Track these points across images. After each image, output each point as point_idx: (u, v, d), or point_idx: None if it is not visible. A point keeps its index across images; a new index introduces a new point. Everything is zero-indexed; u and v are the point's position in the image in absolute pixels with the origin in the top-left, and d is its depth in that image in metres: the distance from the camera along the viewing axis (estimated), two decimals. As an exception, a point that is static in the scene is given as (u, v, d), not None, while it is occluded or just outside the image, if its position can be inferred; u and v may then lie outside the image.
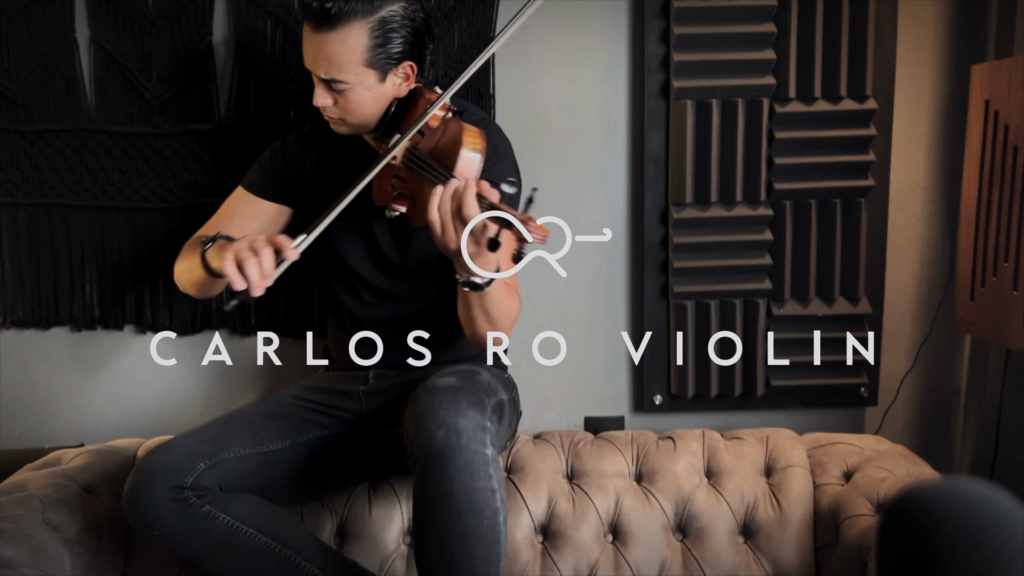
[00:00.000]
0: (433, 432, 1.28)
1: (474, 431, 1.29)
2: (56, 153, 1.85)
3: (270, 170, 1.65)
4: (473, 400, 1.34)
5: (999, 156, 1.63)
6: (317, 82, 1.48)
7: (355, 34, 1.41)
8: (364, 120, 1.51)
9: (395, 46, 1.45)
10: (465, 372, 1.47)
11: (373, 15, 1.41)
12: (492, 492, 1.29)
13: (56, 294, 1.90)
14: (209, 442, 1.47)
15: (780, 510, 1.66)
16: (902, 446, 1.76)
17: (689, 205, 1.86)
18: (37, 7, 1.81)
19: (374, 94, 1.48)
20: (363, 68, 1.44)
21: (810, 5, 1.80)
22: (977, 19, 1.86)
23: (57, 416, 1.95)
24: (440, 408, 1.30)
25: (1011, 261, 1.59)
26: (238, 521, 1.44)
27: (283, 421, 1.57)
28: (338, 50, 1.42)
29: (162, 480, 1.39)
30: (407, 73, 1.51)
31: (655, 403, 1.95)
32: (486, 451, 1.30)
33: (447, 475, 1.26)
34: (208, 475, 1.43)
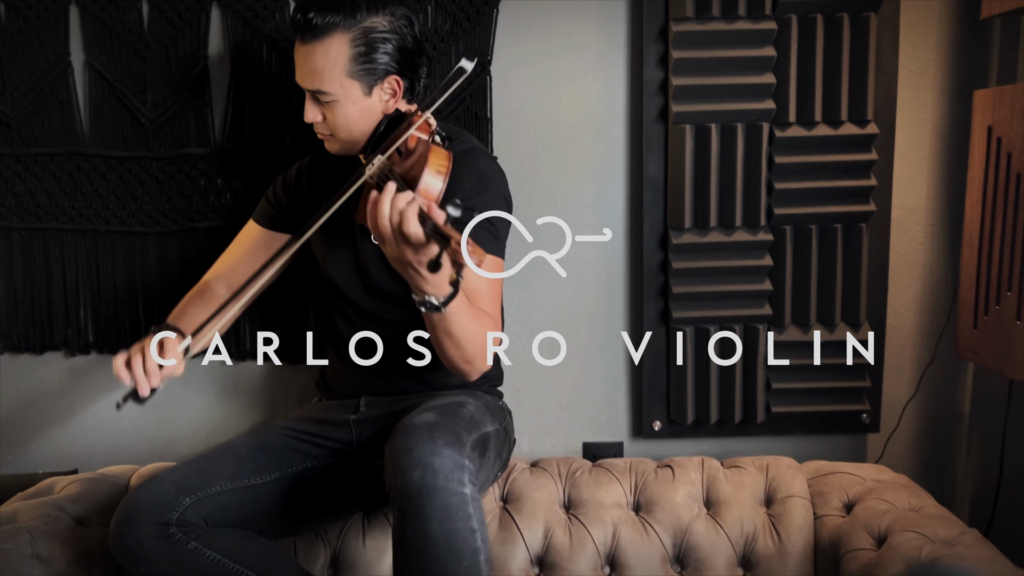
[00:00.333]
0: (409, 472, 1.26)
1: (451, 470, 1.27)
2: (50, 177, 1.84)
3: (275, 203, 1.68)
4: (450, 438, 1.31)
5: (1002, 184, 1.61)
6: (307, 97, 1.51)
7: (336, 44, 1.45)
8: (352, 136, 1.53)
9: (380, 58, 1.48)
10: (447, 406, 1.45)
11: (355, 26, 1.45)
12: (471, 532, 1.27)
13: (50, 318, 1.89)
14: (195, 476, 1.46)
15: (780, 542, 1.64)
16: (904, 476, 1.73)
17: (688, 230, 1.84)
18: (32, 31, 1.80)
19: (360, 107, 1.50)
20: (346, 79, 1.47)
21: (810, 29, 1.78)
22: (979, 44, 1.84)
23: (51, 441, 1.93)
24: (416, 447, 1.28)
25: (1015, 290, 1.57)
26: (225, 557, 1.42)
27: (272, 453, 1.55)
28: (321, 61, 1.45)
29: (147, 516, 1.39)
30: (394, 88, 1.52)
31: (654, 429, 1.93)
32: (464, 490, 1.27)
33: (424, 516, 1.24)
34: (194, 510, 1.42)
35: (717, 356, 1.87)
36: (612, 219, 1.89)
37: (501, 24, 1.82)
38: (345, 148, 1.56)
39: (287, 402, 1.93)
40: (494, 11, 1.81)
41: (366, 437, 1.59)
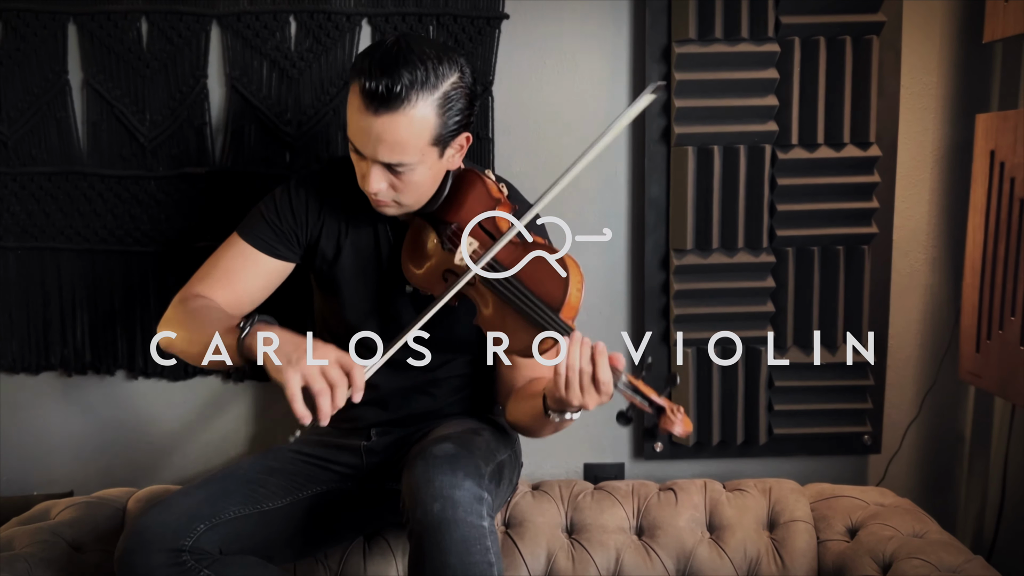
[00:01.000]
0: (429, 504, 1.25)
1: (470, 503, 1.26)
2: (47, 196, 1.82)
3: (282, 225, 1.51)
4: (471, 470, 1.31)
5: (1005, 208, 1.61)
6: (372, 166, 1.34)
7: (422, 112, 1.30)
8: (419, 201, 1.42)
9: (456, 119, 1.35)
10: (464, 436, 1.44)
11: (438, 89, 1.31)
12: (489, 565, 1.26)
13: (47, 338, 1.87)
14: (208, 502, 1.40)
15: (784, 567, 1.64)
16: (907, 500, 1.73)
17: (690, 251, 1.84)
18: (29, 49, 1.78)
19: (433, 172, 1.39)
20: (428, 147, 1.33)
21: (813, 51, 1.78)
22: (981, 68, 1.85)
23: (46, 463, 1.91)
24: (436, 479, 1.27)
25: (1019, 316, 1.57)
26: None
27: (282, 477, 1.52)
28: (404, 133, 1.30)
29: (159, 543, 1.32)
30: (462, 144, 1.41)
31: (656, 450, 1.92)
32: (483, 523, 1.27)
33: (443, 549, 1.23)
34: (208, 537, 1.36)
35: (719, 377, 1.87)
36: (614, 240, 1.89)
37: (503, 44, 1.81)
38: (405, 211, 1.44)
39: (283, 423, 1.91)
40: (496, 31, 1.81)
41: (376, 463, 1.58)
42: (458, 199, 1.44)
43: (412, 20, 1.80)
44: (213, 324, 1.38)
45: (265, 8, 1.78)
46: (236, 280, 1.50)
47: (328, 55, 1.81)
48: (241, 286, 1.50)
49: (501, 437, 1.55)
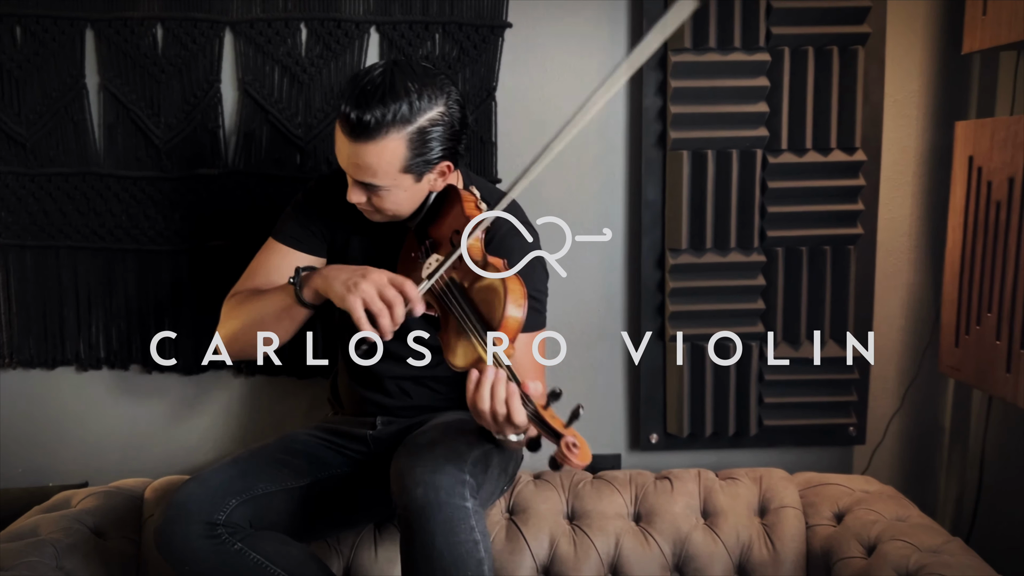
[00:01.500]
0: (412, 489, 1.32)
1: (452, 485, 1.33)
2: (64, 196, 1.88)
3: (309, 224, 1.61)
4: (451, 455, 1.37)
5: (983, 210, 1.71)
6: (351, 180, 1.45)
7: (392, 145, 1.38)
8: (400, 215, 1.51)
9: (433, 151, 1.42)
10: (451, 424, 1.51)
11: (411, 126, 1.38)
12: (475, 543, 1.33)
13: (62, 334, 1.92)
14: (240, 478, 1.48)
15: (774, 550, 1.72)
16: (891, 487, 1.82)
17: (685, 251, 1.92)
18: (48, 53, 1.84)
19: (410, 194, 1.47)
20: (399, 175, 1.42)
21: (802, 60, 1.87)
22: (960, 77, 1.94)
23: (61, 454, 1.97)
24: (418, 465, 1.34)
25: (995, 312, 1.67)
26: (267, 560, 1.45)
27: (304, 457, 1.60)
28: (375, 160, 1.39)
29: (196, 515, 1.40)
30: (443, 171, 1.49)
31: (651, 442, 2.00)
32: (466, 504, 1.34)
33: (429, 531, 1.30)
34: (240, 511, 1.44)
35: (712, 372, 1.95)
36: (612, 240, 1.96)
37: (506, 52, 1.89)
38: (390, 220, 1.53)
39: (294, 415, 1.98)
40: (499, 39, 1.88)
41: (383, 450, 1.65)
42: (440, 214, 1.52)
43: (419, 28, 1.87)
44: (267, 296, 1.50)
45: (277, 15, 1.85)
46: (275, 278, 1.58)
47: (338, 61, 1.87)
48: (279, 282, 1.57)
49: None
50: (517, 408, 1.21)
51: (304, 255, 1.61)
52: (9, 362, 1.92)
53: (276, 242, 1.61)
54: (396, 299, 1.33)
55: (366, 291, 1.33)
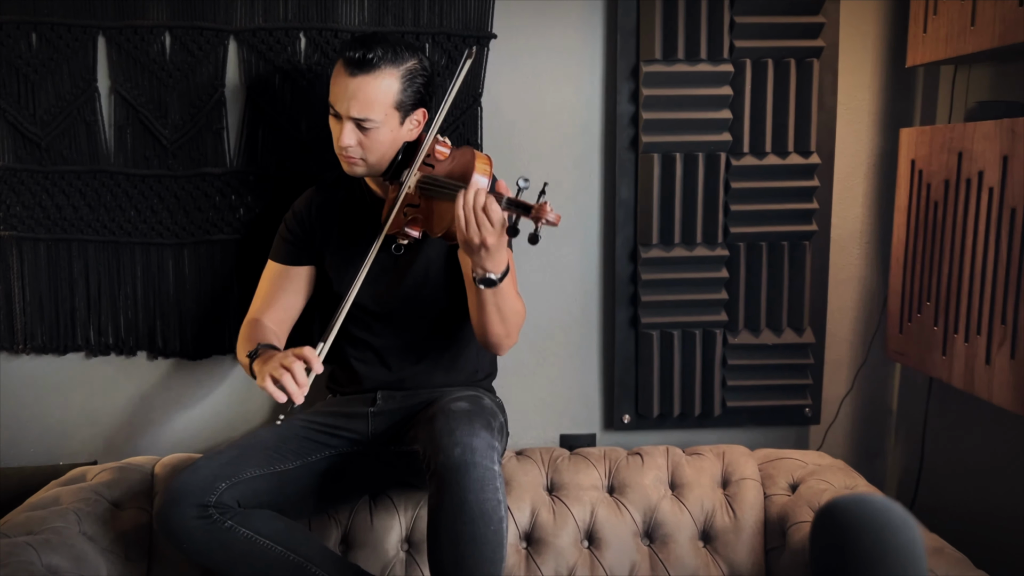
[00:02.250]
0: (451, 450, 1.49)
1: (486, 450, 1.51)
2: (76, 192, 2.00)
3: (291, 239, 1.85)
4: (484, 423, 1.56)
5: (923, 209, 1.88)
6: (344, 123, 1.68)
7: (388, 78, 1.65)
8: (381, 160, 1.72)
9: (415, 92, 1.70)
10: (473, 398, 1.69)
11: (403, 64, 1.67)
12: (498, 503, 1.49)
13: (73, 322, 2.04)
14: (229, 464, 1.63)
15: (735, 518, 1.89)
16: (841, 461, 2.00)
17: (655, 246, 2.08)
18: (61, 58, 1.96)
19: (394, 135, 1.70)
20: (391, 110, 1.67)
21: (762, 71, 2.03)
22: (905, 88, 2.12)
23: (71, 435, 2.09)
24: (457, 429, 1.52)
25: (932, 301, 1.85)
26: (257, 534, 1.60)
27: (294, 443, 1.74)
28: (374, 92, 1.64)
29: (189, 500, 1.56)
30: (418, 120, 1.75)
31: (624, 422, 2.16)
32: (495, 467, 1.51)
33: (463, 487, 1.46)
34: (229, 494, 1.60)
35: (680, 357, 2.12)
36: (588, 235, 2.12)
37: (491, 61, 2.03)
38: (370, 170, 1.74)
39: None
40: (485, 49, 2.03)
41: (381, 428, 1.80)
42: (412, 157, 1.73)
43: (411, 38, 2.01)
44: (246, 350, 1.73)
45: (278, 25, 1.98)
46: (276, 297, 1.86)
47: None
48: (281, 301, 1.86)
49: (497, 406, 1.80)
50: (491, 199, 1.48)
51: (295, 268, 1.86)
52: (22, 348, 2.04)
53: (274, 263, 1.87)
54: (294, 363, 1.54)
55: (269, 368, 1.56)
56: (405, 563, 1.83)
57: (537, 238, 1.46)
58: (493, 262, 1.54)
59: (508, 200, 1.50)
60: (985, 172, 1.67)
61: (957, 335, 1.76)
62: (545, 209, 1.45)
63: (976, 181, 1.70)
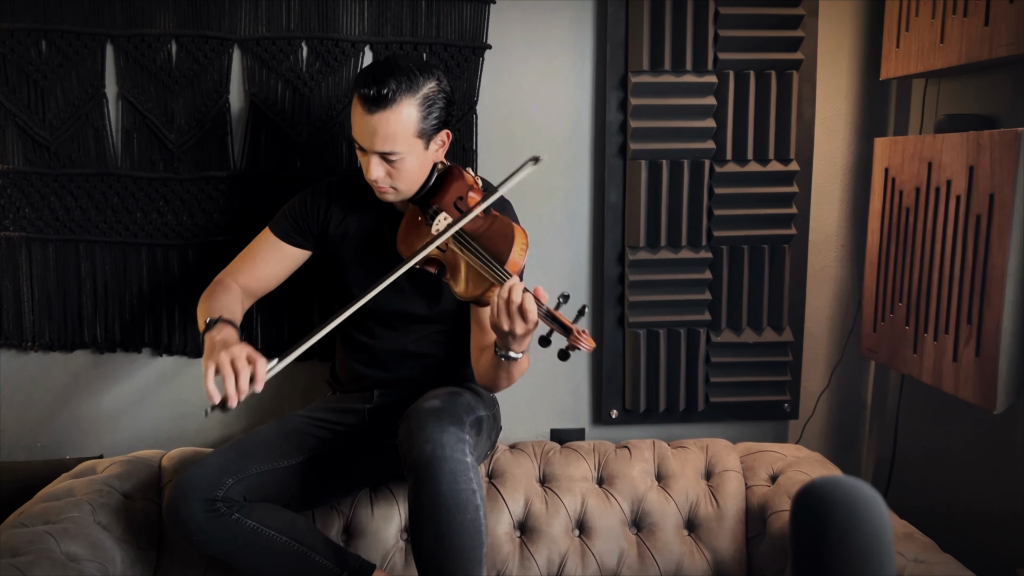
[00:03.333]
0: (422, 445, 1.56)
1: (455, 443, 1.58)
2: (84, 195, 2.07)
3: (298, 219, 1.87)
4: (453, 418, 1.63)
5: (896, 215, 1.99)
6: (371, 157, 1.69)
7: (406, 111, 1.65)
8: (411, 186, 1.75)
9: (437, 116, 1.70)
10: (449, 394, 1.75)
11: (419, 92, 1.66)
12: (472, 492, 1.57)
13: (80, 320, 2.11)
14: (235, 460, 1.71)
15: (718, 507, 1.99)
16: (818, 453, 2.10)
17: (642, 248, 2.17)
18: (70, 65, 2.02)
19: (421, 161, 1.72)
20: (414, 139, 1.68)
21: (744, 83, 2.13)
22: (880, 99, 2.23)
23: (77, 430, 2.15)
24: (427, 426, 1.59)
25: (904, 301, 1.95)
26: (262, 525, 1.69)
27: (296, 439, 1.82)
28: (394, 126, 1.65)
29: (197, 494, 1.64)
30: (443, 140, 1.76)
31: (612, 417, 2.26)
32: (466, 459, 1.59)
33: (436, 479, 1.54)
34: (235, 489, 1.68)
35: (665, 355, 2.21)
36: (578, 238, 2.21)
37: (486, 70, 2.12)
38: (401, 197, 1.77)
39: (292, 395, 2.19)
40: (480, 59, 2.12)
41: (378, 423, 1.88)
42: (442, 187, 1.78)
43: (408, 48, 2.09)
44: (207, 311, 1.74)
45: (280, 35, 2.06)
46: (259, 262, 1.88)
47: (335, 76, 2.09)
48: (262, 267, 1.88)
49: (479, 399, 1.86)
50: (530, 299, 1.50)
51: (289, 247, 1.88)
52: (31, 345, 2.10)
53: (270, 233, 1.88)
54: (244, 369, 1.52)
55: (221, 357, 1.53)
56: (404, 551, 1.91)
57: (568, 356, 1.50)
58: (518, 345, 1.58)
59: (547, 312, 1.52)
60: (953, 181, 1.78)
61: (927, 334, 1.87)
62: (582, 339, 1.48)
63: (944, 189, 1.80)
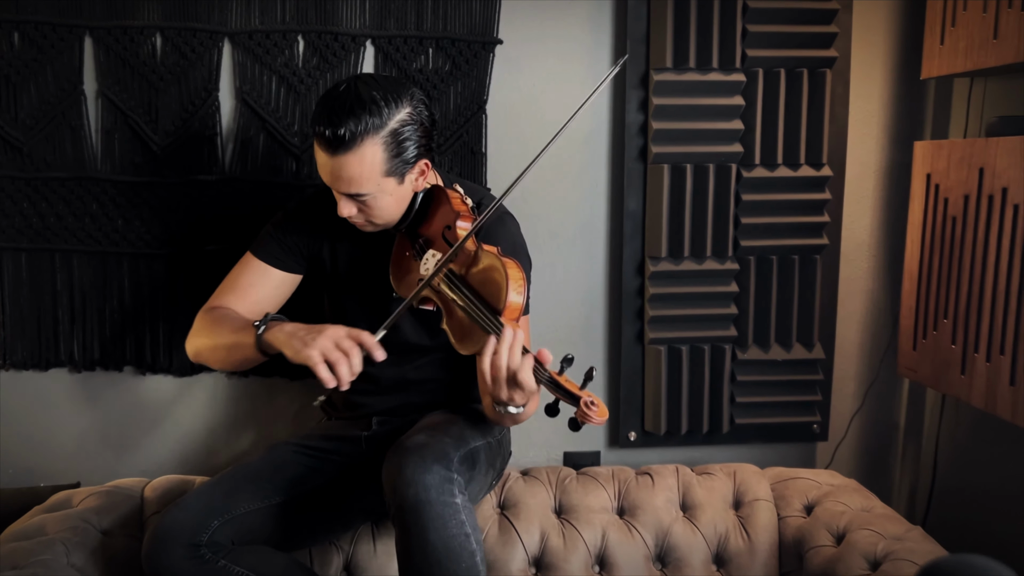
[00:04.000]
0: (403, 490, 1.40)
1: (440, 484, 1.41)
2: (60, 200, 1.91)
3: (287, 241, 1.69)
4: (438, 455, 1.45)
5: (940, 224, 1.85)
6: (339, 197, 1.52)
7: (370, 152, 1.45)
8: (390, 220, 1.58)
9: (409, 151, 1.50)
10: (438, 426, 1.57)
11: (384, 129, 1.45)
12: (466, 536, 1.41)
13: (56, 336, 1.95)
14: (221, 499, 1.55)
15: (749, 541, 1.84)
16: (854, 481, 1.96)
17: (664, 259, 2.03)
18: (45, 59, 1.86)
19: (396, 197, 1.55)
20: (383, 179, 1.49)
21: (774, 81, 1.99)
22: (916, 100, 2.09)
23: (53, 455, 1.99)
24: (407, 467, 1.42)
25: (950, 318, 1.81)
26: (251, 571, 1.52)
27: (287, 472, 1.65)
28: (356, 169, 1.46)
29: (179, 539, 1.47)
30: (422, 170, 1.56)
31: (630, 439, 2.11)
32: (455, 500, 1.42)
33: (422, 527, 1.38)
34: (222, 531, 1.51)
35: (688, 373, 2.06)
36: (594, 247, 2.06)
37: (496, 66, 1.97)
38: (383, 228, 1.61)
39: (284, 415, 2.04)
40: (490, 55, 1.96)
41: (376, 452, 1.71)
42: (428, 214, 1.60)
43: (413, 42, 1.94)
44: (234, 328, 1.57)
45: (275, 27, 1.90)
46: (251, 293, 1.68)
47: (334, 72, 1.93)
48: (255, 298, 1.68)
49: (478, 426, 1.67)
50: (527, 367, 1.31)
51: (280, 272, 1.69)
52: (2, 364, 1.94)
53: (254, 258, 1.69)
54: (352, 348, 1.39)
55: (323, 344, 1.39)
56: (410, 590, 1.75)
57: (579, 427, 1.29)
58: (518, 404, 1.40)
59: (550, 379, 1.29)
60: (1009, 188, 1.63)
61: (978, 354, 1.73)
62: (591, 414, 1.24)
63: (999, 197, 1.66)
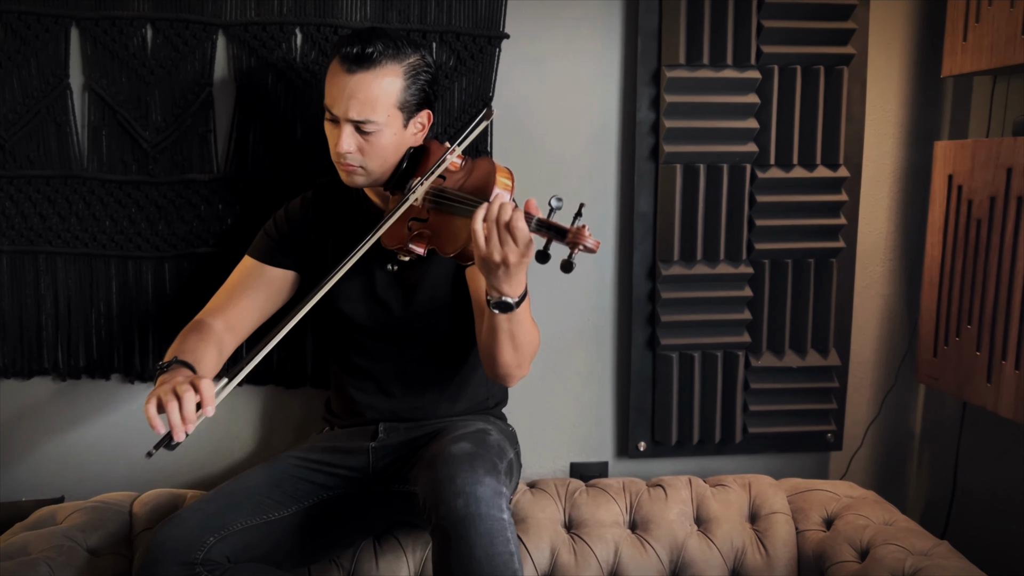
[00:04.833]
0: (453, 500, 1.32)
1: (492, 498, 1.34)
2: (44, 200, 1.81)
3: (277, 237, 1.67)
4: (489, 467, 1.39)
5: (962, 227, 1.79)
6: (343, 126, 1.51)
7: (390, 75, 1.50)
8: (383, 168, 1.56)
9: (420, 91, 1.55)
10: (477, 435, 1.51)
11: (405, 60, 1.52)
12: (511, 555, 1.33)
13: (40, 343, 1.85)
14: (217, 516, 1.46)
15: (767, 555, 1.77)
16: (873, 492, 1.89)
17: (675, 262, 1.96)
18: (29, 51, 1.77)
19: (397, 139, 1.55)
20: (394, 110, 1.52)
21: (790, 79, 1.92)
22: (934, 99, 2.03)
23: (36, 468, 1.89)
24: (458, 476, 1.34)
25: (975, 324, 1.75)
26: None
27: (287, 486, 1.57)
28: (375, 90, 1.49)
29: (174, 557, 1.38)
30: (423, 122, 1.60)
31: (639, 449, 2.03)
32: (504, 516, 1.35)
33: (469, 543, 1.30)
34: (218, 549, 1.42)
35: (700, 380, 1.99)
36: (603, 251, 1.99)
37: (502, 63, 1.89)
38: (372, 180, 1.58)
39: (284, 426, 1.95)
40: (496, 50, 1.89)
41: (383, 464, 1.63)
42: (416, 167, 1.59)
43: (416, 36, 1.86)
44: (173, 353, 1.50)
45: (272, 19, 1.82)
46: (239, 296, 1.64)
47: (333, 67, 1.85)
48: (244, 302, 1.64)
49: (506, 437, 1.64)
50: (518, 214, 1.30)
51: (273, 269, 1.67)
52: (-19, 372, 1.84)
53: (248, 258, 1.69)
54: (186, 393, 1.29)
55: (160, 389, 1.33)
56: (414, 610, 1.67)
57: (571, 266, 1.28)
58: (511, 285, 1.36)
59: (539, 221, 1.32)
60: (1040, 190, 1.57)
61: (1005, 362, 1.66)
62: (583, 234, 1.27)
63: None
